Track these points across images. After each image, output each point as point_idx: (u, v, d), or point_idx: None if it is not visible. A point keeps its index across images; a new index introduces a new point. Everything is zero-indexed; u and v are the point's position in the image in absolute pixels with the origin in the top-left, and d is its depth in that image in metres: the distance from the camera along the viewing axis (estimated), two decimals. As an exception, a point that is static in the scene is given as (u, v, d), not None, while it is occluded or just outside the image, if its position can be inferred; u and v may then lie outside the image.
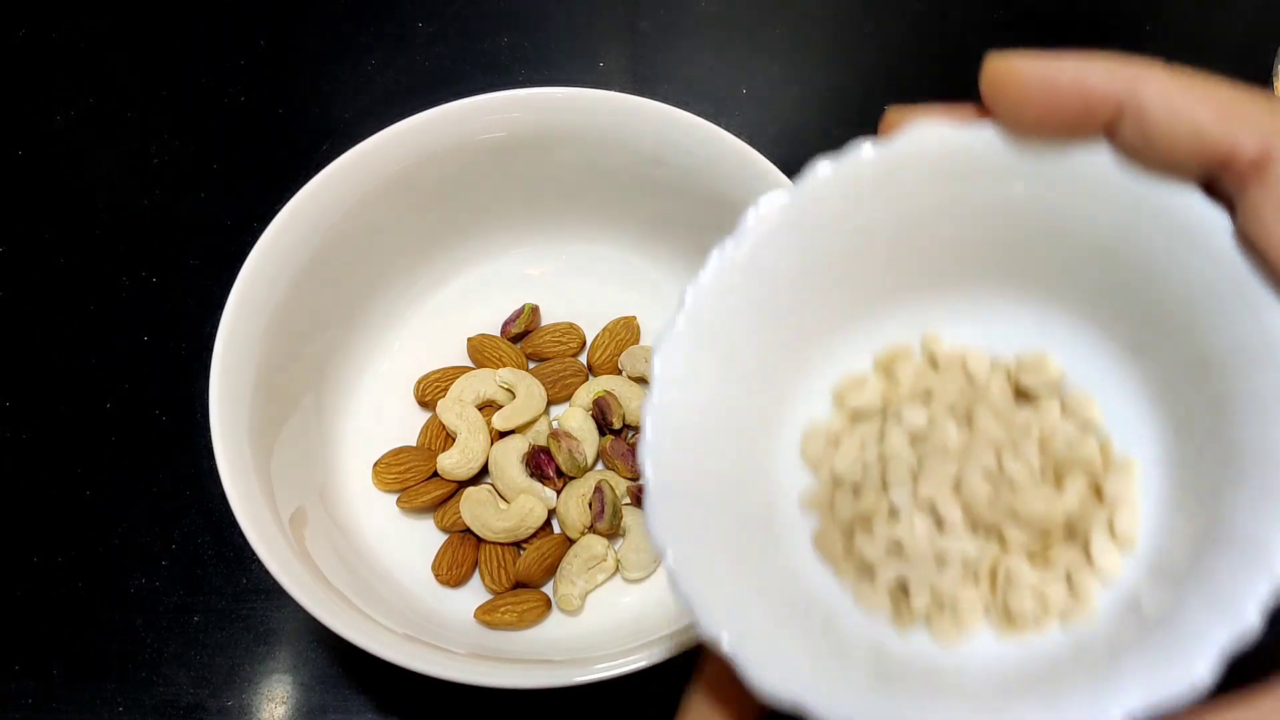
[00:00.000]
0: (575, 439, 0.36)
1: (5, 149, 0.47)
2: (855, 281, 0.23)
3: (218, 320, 0.32)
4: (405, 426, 0.38)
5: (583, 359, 0.40)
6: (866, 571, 0.21)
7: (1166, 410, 0.21)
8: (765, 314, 0.22)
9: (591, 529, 0.36)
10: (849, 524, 0.22)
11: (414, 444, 0.38)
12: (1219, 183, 0.18)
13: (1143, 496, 0.20)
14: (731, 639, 0.19)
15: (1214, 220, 0.19)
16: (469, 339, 0.40)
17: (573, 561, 0.35)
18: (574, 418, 0.37)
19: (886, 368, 0.23)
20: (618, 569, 0.36)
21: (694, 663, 0.22)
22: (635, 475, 0.37)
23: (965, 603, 0.21)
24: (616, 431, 0.38)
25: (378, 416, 0.38)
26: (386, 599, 0.33)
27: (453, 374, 0.39)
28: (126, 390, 0.41)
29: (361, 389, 0.39)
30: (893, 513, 0.21)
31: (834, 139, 0.23)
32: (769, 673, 0.18)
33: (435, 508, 0.37)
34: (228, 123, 0.48)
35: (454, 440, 0.37)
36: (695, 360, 0.21)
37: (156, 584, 0.37)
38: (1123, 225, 0.20)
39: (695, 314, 0.21)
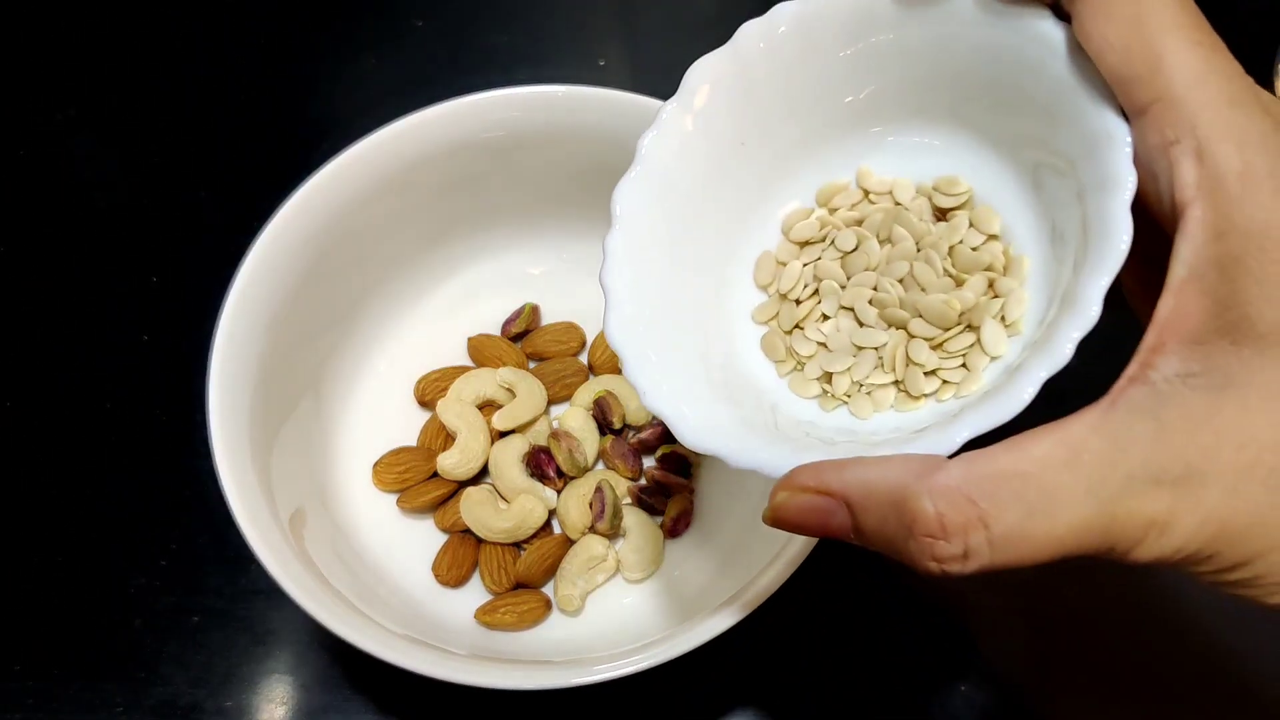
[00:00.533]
0: (575, 439, 0.36)
1: (5, 149, 0.47)
2: (791, 129, 0.26)
3: (217, 320, 0.32)
4: (405, 426, 0.38)
5: (583, 358, 0.40)
6: (800, 365, 0.26)
7: (1047, 212, 0.24)
8: (713, 163, 0.26)
9: (592, 529, 0.36)
10: (789, 330, 0.27)
11: (414, 444, 0.38)
12: (1060, 2, 0.22)
13: (1030, 289, 0.24)
14: (666, 408, 0.24)
15: (1058, 34, 0.22)
16: (469, 338, 0.40)
17: (573, 562, 0.35)
18: (574, 417, 0.37)
19: (826, 201, 0.27)
20: (618, 569, 0.35)
21: (693, 667, 0.22)
22: (636, 475, 0.37)
23: (879, 386, 0.25)
24: (617, 431, 0.38)
25: (378, 416, 0.38)
26: (386, 599, 0.33)
27: (453, 374, 0.38)
28: (126, 390, 0.41)
29: (361, 389, 0.39)
30: (824, 317, 0.27)
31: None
32: (695, 432, 0.24)
33: (435, 508, 0.37)
34: (228, 123, 0.48)
35: (454, 440, 0.37)
36: (652, 203, 0.26)
37: (156, 584, 0.37)
38: (996, 51, 0.24)
39: (649, 163, 0.26)
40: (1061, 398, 0.21)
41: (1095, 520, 0.18)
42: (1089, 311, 0.20)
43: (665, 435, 0.38)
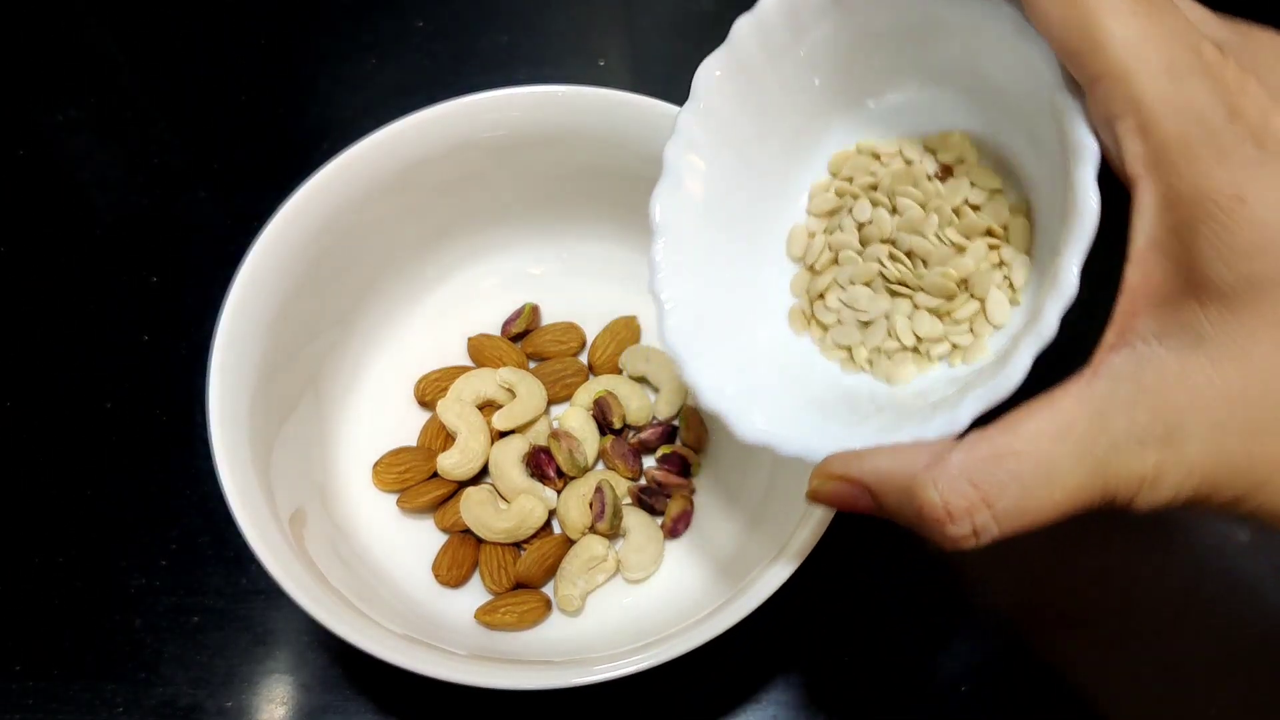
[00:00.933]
0: (575, 439, 0.36)
1: (5, 149, 0.47)
2: (800, 108, 0.28)
3: (217, 320, 0.32)
4: (405, 426, 0.38)
5: (583, 358, 0.40)
6: (824, 331, 0.28)
7: (1044, 159, 0.25)
8: (735, 156, 0.28)
9: (592, 529, 0.36)
10: (813, 300, 0.29)
11: (414, 444, 0.38)
12: None
13: (1035, 247, 0.25)
14: (721, 404, 0.26)
15: (1014, 9, 0.23)
16: (469, 338, 0.40)
17: (573, 562, 0.35)
18: (574, 417, 0.37)
19: (838, 170, 0.29)
20: (618, 570, 0.35)
21: (693, 667, 0.22)
22: (636, 475, 0.37)
23: (896, 351, 0.27)
24: (617, 431, 0.38)
25: (378, 416, 0.38)
26: (386, 600, 0.33)
27: (453, 374, 0.38)
28: (126, 390, 0.41)
29: (361, 389, 0.39)
30: (842, 286, 0.28)
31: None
32: (747, 426, 0.25)
33: (435, 508, 0.37)
34: (228, 123, 0.48)
35: (454, 440, 0.37)
36: (686, 208, 0.27)
37: (156, 584, 0.37)
38: (967, 24, 0.25)
39: (676, 171, 0.27)
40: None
41: (1089, 484, 0.20)
42: (1068, 286, 0.21)
43: (665, 435, 0.38)
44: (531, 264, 0.41)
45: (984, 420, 0.22)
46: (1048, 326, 0.21)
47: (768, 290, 0.29)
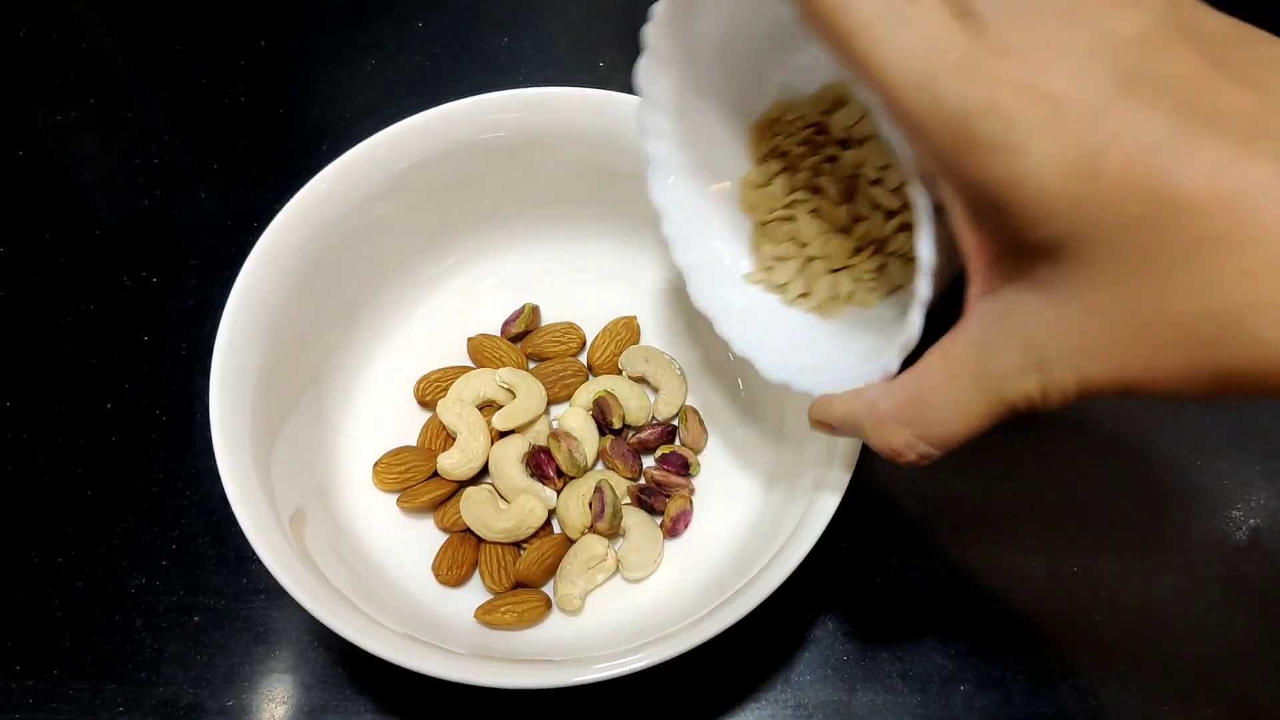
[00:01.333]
0: (575, 439, 0.36)
1: (5, 149, 0.47)
2: (729, 80, 0.31)
3: (218, 320, 0.32)
4: (405, 426, 0.38)
5: (583, 359, 0.40)
6: (769, 278, 0.32)
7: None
8: (699, 130, 0.31)
9: (591, 529, 0.36)
10: (758, 250, 0.33)
11: (414, 444, 0.38)
12: None
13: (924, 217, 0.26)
14: (749, 351, 0.30)
15: None
16: (469, 339, 0.40)
17: (573, 561, 0.35)
18: (574, 418, 0.37)
19: (760, 138, 0.32)
20: (618, 569, 0.36)
21: (693, 666, 0.22)
22: (635, 475, 0.37)
23: (819, 288, 0.31)
24: (616, 431, 0.38)
25: (378, 416, 0.38)
26: (386, 599, 0.33)
27: (453, 374, 0.38)
28: (126, 390, 0.41)
29: (361, 389, 0.39)
30: (773, 242, 0.32)
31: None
32: (769, 368, 0.30)
33: (435, 508, 0.37)
34: (228, 123, 0.48)
35: (454, 440, 0.37)
36: (678, 187, 0.31)
37: (156, 584, 0.37)
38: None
39: (657, 157, 0.31)
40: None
41: (992, 408, 0.23)
42: (924, 260, 0.24)
43: (665, 435, 0.38)
44: (531, 264, 0.41)
45: (912, 356, 0.26)
46: (924, 290, 0.25)
47: (747, 243, 0.33)
